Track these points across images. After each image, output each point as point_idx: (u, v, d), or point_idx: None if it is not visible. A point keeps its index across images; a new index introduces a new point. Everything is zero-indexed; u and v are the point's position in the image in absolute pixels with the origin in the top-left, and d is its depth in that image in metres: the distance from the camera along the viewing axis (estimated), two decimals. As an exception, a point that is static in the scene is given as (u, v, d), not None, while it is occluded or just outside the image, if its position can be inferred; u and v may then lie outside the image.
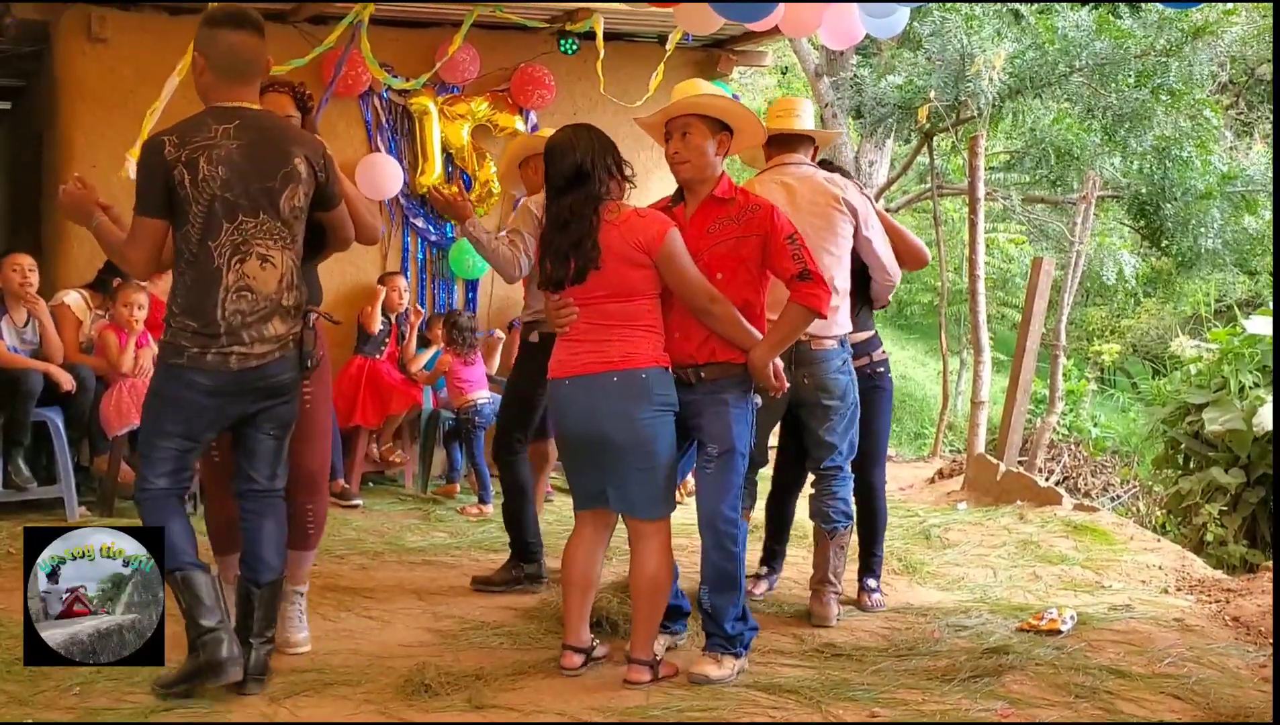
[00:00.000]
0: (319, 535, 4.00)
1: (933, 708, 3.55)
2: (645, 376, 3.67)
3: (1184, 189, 10.03)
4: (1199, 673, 3.95)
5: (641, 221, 3.71)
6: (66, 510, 5.89)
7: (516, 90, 7.46)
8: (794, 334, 3.84)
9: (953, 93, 9.61)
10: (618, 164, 3.81)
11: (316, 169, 3.61)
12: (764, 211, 3.83)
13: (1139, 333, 15.33)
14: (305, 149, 3.60)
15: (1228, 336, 7.68)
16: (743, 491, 3.90)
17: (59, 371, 5.89)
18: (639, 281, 3.70)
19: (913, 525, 6.31)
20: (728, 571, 3.79)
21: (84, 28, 6.69)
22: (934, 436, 9.99)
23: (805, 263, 3.75)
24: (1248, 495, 6.91)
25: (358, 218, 3.86)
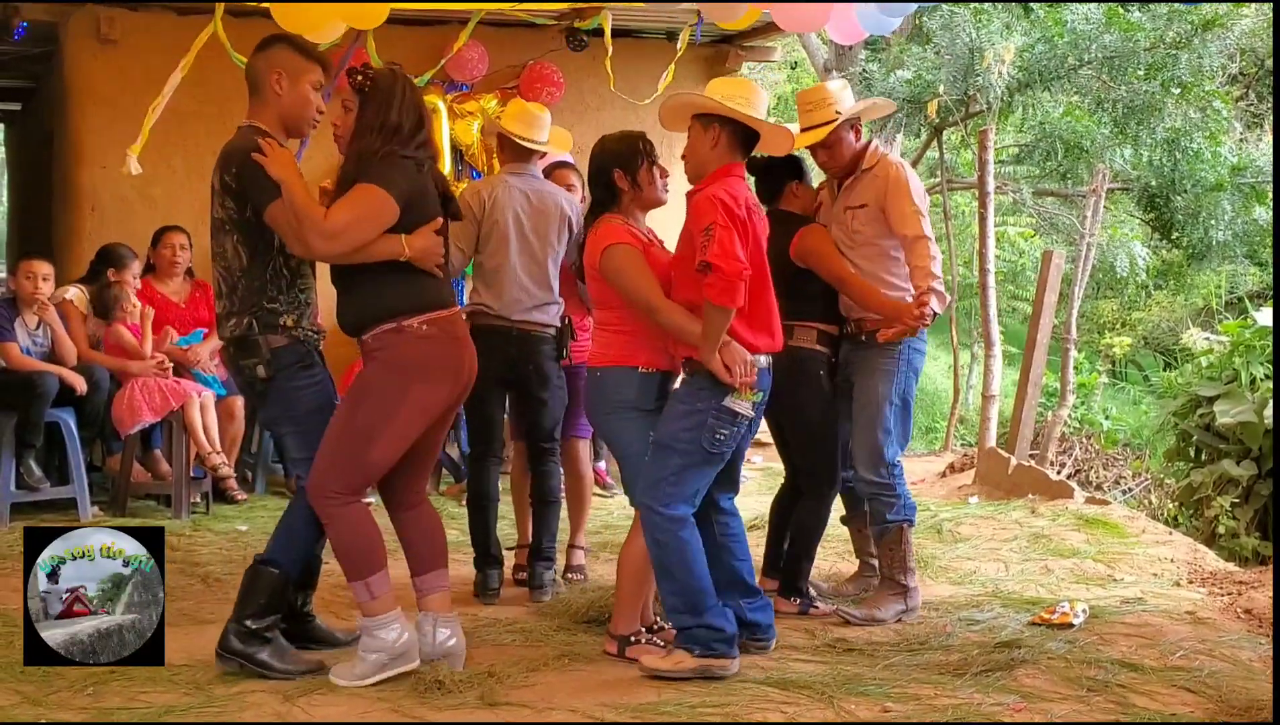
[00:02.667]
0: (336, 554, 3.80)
1: (945, 702, 3.55)
2: (600, 374, 3.99)
3: (1194, 181, 10.01)
4: (1211, 665, 3.94)
5: (594, 237, 3.99)
6: (79, 510, 5.91)
7: (525, 87, 7.46)
8: (714, 331, 3.72)
9: (962, 87, 9.59)
10: (625, 172, 3.99)
11: (228, 179, 3.64)
12: (698, 203, 3.82)
13: (1150, 325, 15.28)
14: (222, 159, 3.68)
15: (1238, 329, 7.66)
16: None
17: (73, 375, 5.92)
18: (598, 291, 4.04)
19: (924, 519, 6.29)
20: (657, 560, 3.86)
21: (93, 29, 6.72)
22: (945, 431, 9.98)
23: (706, 255, 3.68)
24: (1259, 487, 6.88)
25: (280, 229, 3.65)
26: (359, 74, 3.71)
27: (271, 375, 3.70)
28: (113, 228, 6.83)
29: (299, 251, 3.67)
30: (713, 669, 3.77)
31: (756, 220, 3.85)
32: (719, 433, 3.78)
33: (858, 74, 10.90)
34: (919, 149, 11.55)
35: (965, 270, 11.89)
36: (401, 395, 3.63)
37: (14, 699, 3.44)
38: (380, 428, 3.63)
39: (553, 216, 4.75)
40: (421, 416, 3.69)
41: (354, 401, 3.68)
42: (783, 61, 13.43)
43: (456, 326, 3.77)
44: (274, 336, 3.71)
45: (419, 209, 3.67)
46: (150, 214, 6.83)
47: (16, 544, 5.30)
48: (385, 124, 3.63)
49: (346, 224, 3.56)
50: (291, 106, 3.75)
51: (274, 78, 3.71)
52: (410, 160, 3.67)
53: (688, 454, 3.80)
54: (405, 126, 3.67)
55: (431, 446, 3.92)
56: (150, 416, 6.05)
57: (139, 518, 5.96)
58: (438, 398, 3.71)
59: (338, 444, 3.66)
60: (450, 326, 3.73)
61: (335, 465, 3.65)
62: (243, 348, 3.70)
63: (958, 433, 9.98)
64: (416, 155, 3.69)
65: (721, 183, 3.82)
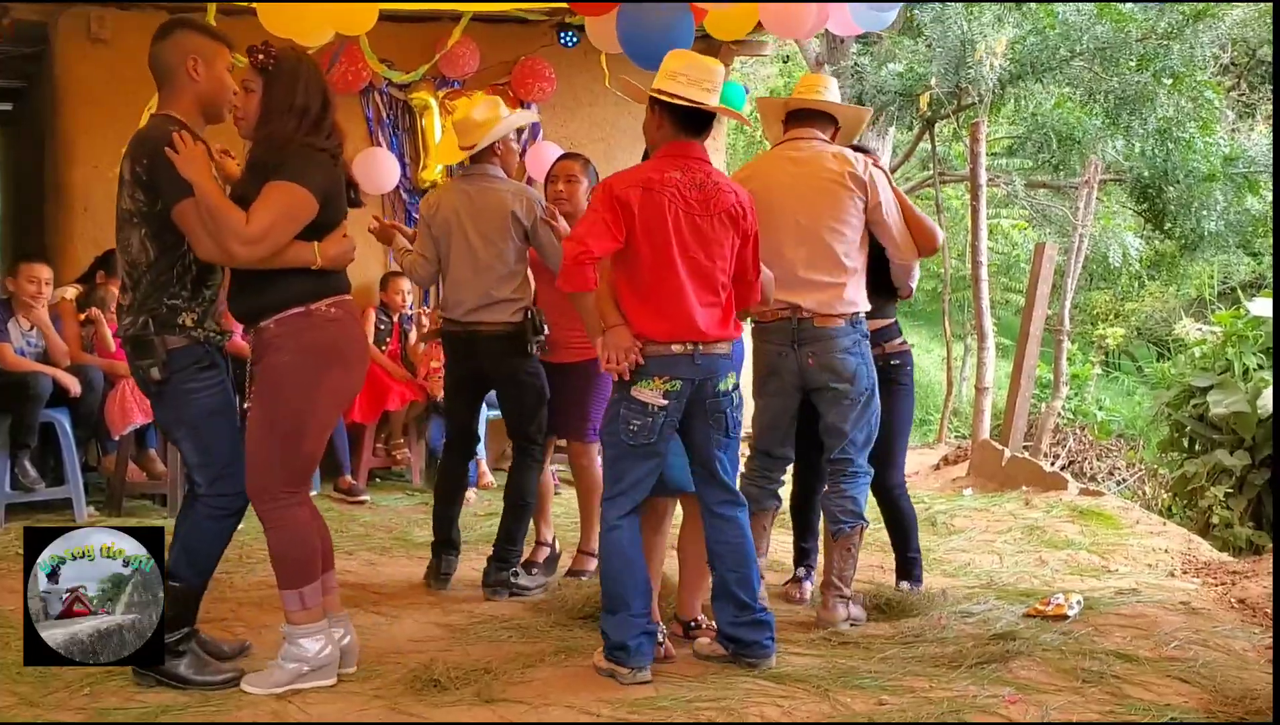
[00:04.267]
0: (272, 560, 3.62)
1: (940, 694, 3.56)
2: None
3: (1186, 171, 10.03)
4: (1205, 656, 3.96)
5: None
6: (75, 511, 5.91)
7: (517, 83, 7.46)
8: (583, 316, 3.91)
9: (954, 79, 9.60)
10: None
11: (139, 170, 3.50)
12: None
13: (1143, 316, 15.32)
14: (133, 148, 3.54)
15: (1231, 319, 7.67)
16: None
17: (66, 377, 5.91)
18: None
19: (919, 512, 6.25)
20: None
21: (83, 28, 6.70)
22: (939, 423, 10.00)
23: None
24: (1253, 477, 6.91)
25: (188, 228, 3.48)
26: (260, 52, 3.54)
27: (166, 377, 3.51)
28: (105, 228, 6.71)
29: (213, 256, 3.48)
30: (615, 673, 3.70)
31: (668, 199, 3.67)
32: (631, 423, 3.72)
33: (849, 67, 10.90)
34: (911, 142, 11.57)
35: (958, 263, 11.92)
36: (318, 382, 3.51)
37: (10, 700, 3.45)
38: (306, 418, 3.51)
39: (493, 214, 4.66)
40: (339, 401, 3.62)
41: (271, 396, 3.51)
42: (775, 56, 13.43)
43: (354, 308, 3.72)
44: (171, 336, 3.51)
45: (335, 205, 3.59)
46: (142, 214, 6.81)
47: (12, 545, 5.31)
48: (294, 106, 3.49)
49: (268, 228, 3.41)
50: (209, 90, 3.58)
51: (190, 64, 3.56)
52: (325, 152, 3.55)
53: (612, 446, 3.81)
54: (313, 109, 3.52)
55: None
56: (141, 418, 6.04)
57: (135, 517, 5.96)
58: (352, 380, 3.64)
59: (268, 442, 3.51)
60: (352, 308, 3.68)
61: (271, 465, 3.50)
62: (137, 347, 3.51)
63: (951, 425, 10.00)
64: (329, 145, 3.57)
65: (638, 165, 3.89)
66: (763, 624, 3.85)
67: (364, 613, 4.47)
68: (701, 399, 3.76)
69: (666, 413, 3.71)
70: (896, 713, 3.42)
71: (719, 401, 3.78)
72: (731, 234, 3.77)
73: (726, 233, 3.76)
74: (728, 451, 3.86)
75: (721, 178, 3.84)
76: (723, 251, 3.76)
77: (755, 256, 3.87)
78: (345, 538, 5.65)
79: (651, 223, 3.68)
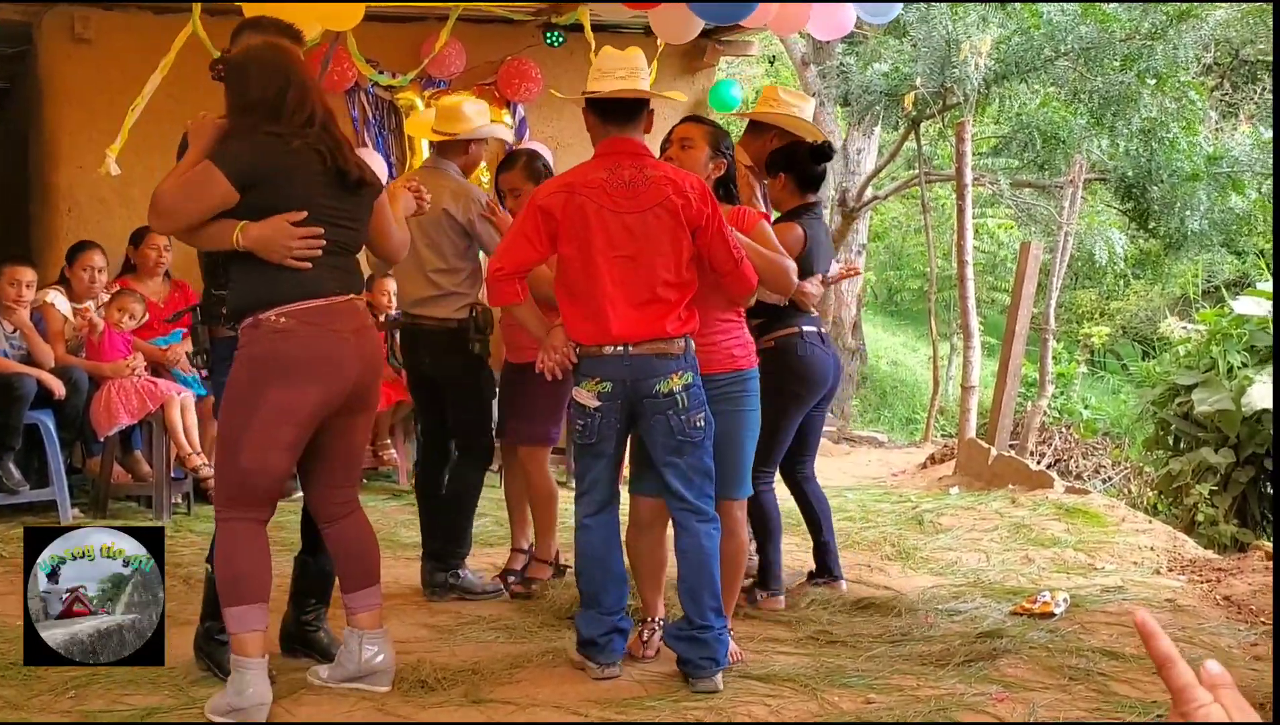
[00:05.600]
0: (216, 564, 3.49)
1: (927, 693, 3.57)
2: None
3: (1170, 171, 10.06)
4: (1191, 652, 3.97)
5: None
6: (59, 513, 5.88)
7: (503, 83, 7.46)
8: (525, 324, 3.90)
9: (939, 79, 9.62)
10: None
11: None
12: None
13: (1128, 315, 15.39)
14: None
15: (1216, 317, 7.71)
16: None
17: (51, 378, 5.87)
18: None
19: (905, 511, 6.33)
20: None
21: (67, 28, 6.67)
22: (925, 422, 10.02)
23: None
24: (1237, 475, 6.94)
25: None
26: (218, 63, 3.47)
27: (209, 367, 3.59)
28: (90, 228, 6.79)
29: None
30: (586, 666, 3.74)
31: (591, 201, 3.61)
32: (577, 423, 3.75)
33: (835, 67, 10.92)
34: (897, 141, 11.58)
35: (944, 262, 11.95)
36: (257, 396, 3.28)
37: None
38: (240, 433, 3.31)
39: (431, 208, 4.54)
40: (285, 419, 3.30)
41: (222, 405, 3.43)
42: (761, 55, 13.44)
43: (327, 318, 3.33)
44: (215, 327, 3.59)
45: (277, 192, 3.30)
46: (128, 215, 6.79)
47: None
48: (246, 104, 3.35)
49: (167, 200, 3.28)
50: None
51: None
52: (273, 135, 3.31)
53: (573, 445, 3.88)
54: (269, 97, 3.32)
55: (343, 452, 3.51)
56: (127, 418, 6.02)
57: (120, 519, 5.93)
58: (303, 399, 3.29)
59: (217, 452, 3.46)
60: (318, 317, 3.31)
61: (217, 474, 3.45)
62: (191, 339, 3.61)
63: (938, 424, 10.03)
64: (284, 129, 3.31)
65: (569, 169, 3.87)
66: (701, 643, 3.64)
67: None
68: (639, 400, 3.64)
69: (602, 414, 3.67)
70: (884, 711, 3.43)
71: (658, 403, 3.62)
72: (672, 227, 3.60)
73: (664, 227, 3.60)
74: (684, 456, 3.64)
75: (661, 170, 3.68)
76: (661, 247, 3.61)
77: (722, 244, 3.66)
78: (332, 539, 5.63)
79: (575, 226, 3.63)
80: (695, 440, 3.64)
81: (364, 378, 3.42)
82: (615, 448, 3.75)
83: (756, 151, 4.72)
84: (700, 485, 3.68)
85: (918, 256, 15.29)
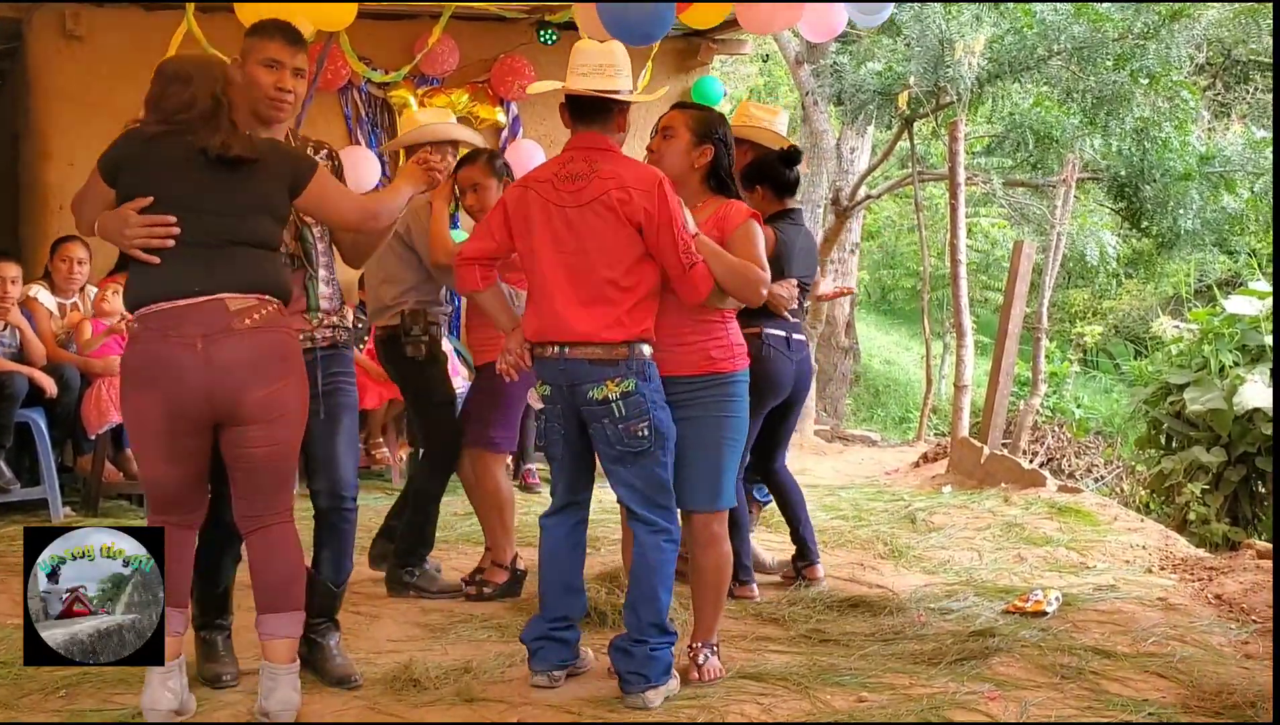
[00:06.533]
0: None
1: (920, 691, 3.57)
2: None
3: (1163, 170, 10.08)
4: (1182, 651, 3.98)
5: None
6: (51, 511, 5.87)
7: (496, 81, 7.45)
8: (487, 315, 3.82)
9: (932, 78, 9.62)
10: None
11: None
12: None
13: (1121, 314, 15.42)
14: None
15: (1208, 316, 7.73)
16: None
17: (42, 376, 5.86)
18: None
19: (898, 509, 6.33)
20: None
21: (58, 25, 6.65)
22: (918, 421, 10.03)
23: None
24: (1229, 474, 6.96)
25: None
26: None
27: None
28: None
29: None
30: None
31: (538, 195, 3.54)
32: (536, 424, 3.75)
33: (828, 66, 10.92)
34: (890, 141, 11.59)
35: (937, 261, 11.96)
36: (124, 405, 3.28)
37: (-15, 703, 3.42)
38: (132, 439, 3.35)
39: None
40: (144, 429, 3.22)
41: None
42: (754, 54, 13.45)
43: (173, 322, 3.16)
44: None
45: (133, 182, 3.21)
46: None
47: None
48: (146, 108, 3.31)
49: (73, 202, 3.34)
50: (245, 90, 3.40)
51: (235, 63, 3.48)
52: (135, 124, 3.27)
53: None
54: (152, 95, 3.27)
55: (242, 465, 3.27)
56: (118, 417, 5.99)
57: (111, 518, 5.92)
58: (148, 407, 3.18)
59: None
60: (160, 322, 3.17)
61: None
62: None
63: (930, 422, 10.04)
64: (148, 120, 3.25)
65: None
66: (631, 656, 3.51)
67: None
68: (577, 406, 3.52)
69: (547, 417, 3.62)
70: (877, 710, 3.43)
71: (594, 410, 3.48)
72: (613, 223, 3.45)
73: (606, 223, 3.45)
74: (628, 466, 3.51)
75: (612, 165, 3.52)
76: (603, 244, 3.46)
77: (670, 245, 3.46)
78: (324, 537, 5.62)
79: (522, 220, 3.56)
80: (637, 450, 3.49)
81: (224, 386, 3.16)
82: (564, 451, 3.61)
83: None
84: (650, 496, 3.53)
85: (911, 255, 15.31)
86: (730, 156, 3.83)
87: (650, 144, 3.89)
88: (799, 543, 4.90)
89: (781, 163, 4.64)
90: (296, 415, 3.30)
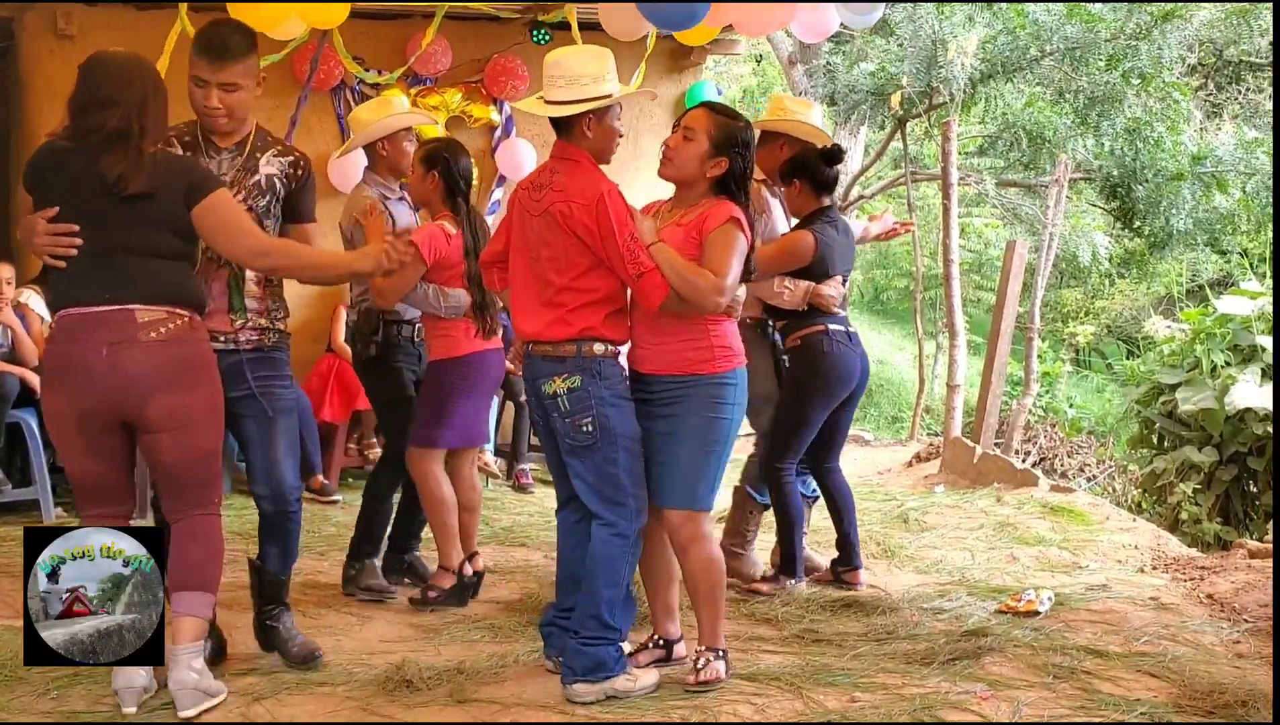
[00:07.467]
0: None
1: (912, 691, 3.57)
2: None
3: (1155, 170, 10.10)
4: (1174, 650, 3.99)
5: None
6: (42, 512, 5.86)
7: (490, 81, 7.44)
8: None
9: (925, 79, 9.63)
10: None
11: None
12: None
13: (1113, 314, 15.44)
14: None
15: (1200, 316, 7.74)
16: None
17: (34, 377, 5.84)
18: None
19: (890, 509, 6.34)
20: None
21: (50, 24, 6.62)
22: (911, 420, 10.04)
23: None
24: (1221, 473, 6.98)
25: None
26: None
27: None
28: (72, 226, 6.74)
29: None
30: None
31: (516, 200, 3.72)
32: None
33: (821, 66, 10.93)
34: (883, 141, 11.60)
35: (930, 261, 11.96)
36: (41, 400, 3.44)
37: (-24, 704, 3.41)
38: (52, 437, 3.45)
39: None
40: (58, 428, 3.34)
41: None
42: (747, 54, 13.45)
43: (82, 326, 3.24)
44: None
45: (44, 192, 3.30)
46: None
47: (-22, 547, 5.26)
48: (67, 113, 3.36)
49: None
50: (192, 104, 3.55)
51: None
52: (51, 138, 3.36)
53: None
54: (72, 105, 3.33)
55: (159, 468, 3.38)
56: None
57: (103, 518, 5.90)
58: (59, 407, 3.30)
59: None
60: (70, 325, 3.27)
61: None
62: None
63: (923, 422, 10.04)
64: (62, 133, 3.33)
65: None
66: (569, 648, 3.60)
67: (335, 613, 4.45)
68: (539, 401, 3.67)
69: (531, 409, 3.74)
70: (869, 709, 3.44)
71: (545, 405, 3.62)
72: (561, 233, 3.55)
73: (554, 232, 3.57)
74: (578, 459, 3.58)
75: (565, 176, 3.60)
76: (552, 251, 3.57)
77: (616, 256, 3.51)
78: (317, 538, 5.62)
79: (510, 222, 3.77)
80: (584, 444, 3.56)
81: (129, 394, 3.23)
82: (549, 446, 3.76)
83: (767, 161, 4.73)
84: (601, 491, 3.58)
85: (903, 255, 15.31)
86: (747, 166, 3.72)
87: (669, 139, 3.81)
88: (845, 548, 4.91)
89: (823, 160, 4.64)
90: (208, 423, 3.37)
